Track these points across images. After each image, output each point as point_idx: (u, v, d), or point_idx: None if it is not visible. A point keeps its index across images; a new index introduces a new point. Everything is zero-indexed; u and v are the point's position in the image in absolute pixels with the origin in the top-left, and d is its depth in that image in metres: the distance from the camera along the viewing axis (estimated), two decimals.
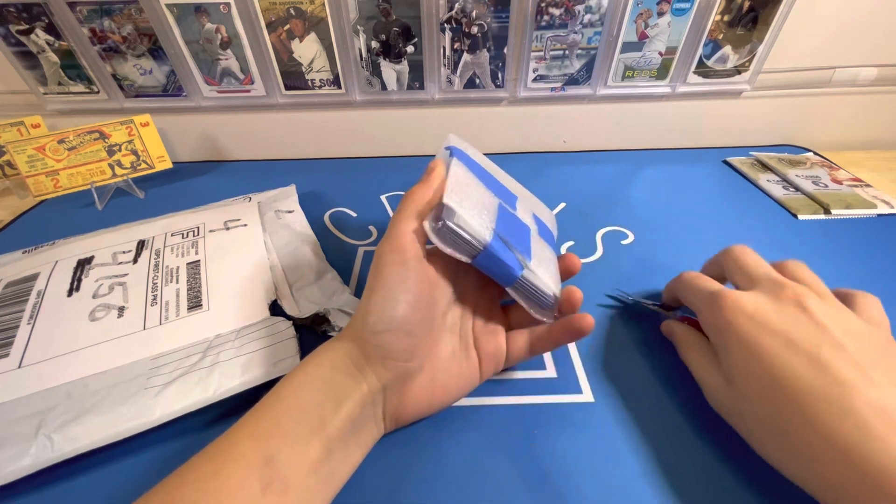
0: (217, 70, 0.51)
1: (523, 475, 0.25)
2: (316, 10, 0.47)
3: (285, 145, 0.59)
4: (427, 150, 0.59)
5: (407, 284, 0.23)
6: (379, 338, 0.23)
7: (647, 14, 0.48)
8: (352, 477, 0.23)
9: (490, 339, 0.28)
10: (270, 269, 0.36)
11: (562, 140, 0.59)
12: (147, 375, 0.27)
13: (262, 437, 0.20)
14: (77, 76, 0.51)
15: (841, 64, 0.53)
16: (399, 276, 0.23)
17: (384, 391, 0.24)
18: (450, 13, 0.47)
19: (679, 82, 0.53)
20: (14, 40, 0.48)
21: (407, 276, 0.23)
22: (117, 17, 0.47)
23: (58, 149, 0.46)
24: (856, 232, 0.42)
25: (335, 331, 0.31)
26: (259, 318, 0.32)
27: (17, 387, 0.27)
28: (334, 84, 0.52)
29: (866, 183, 0.49)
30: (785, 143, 0.60)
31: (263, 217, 0.41)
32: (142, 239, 0.37)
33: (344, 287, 0.36)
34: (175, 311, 0.32)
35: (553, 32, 0.48)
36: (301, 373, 0.23)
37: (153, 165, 0.51)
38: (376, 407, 0.24)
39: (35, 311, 0.31)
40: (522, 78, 0.52)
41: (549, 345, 0.28)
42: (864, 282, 0.36)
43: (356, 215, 0.47)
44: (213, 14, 0.47)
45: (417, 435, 0.26)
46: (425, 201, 0.24)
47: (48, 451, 0.24)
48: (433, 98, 0.53)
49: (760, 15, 0.48)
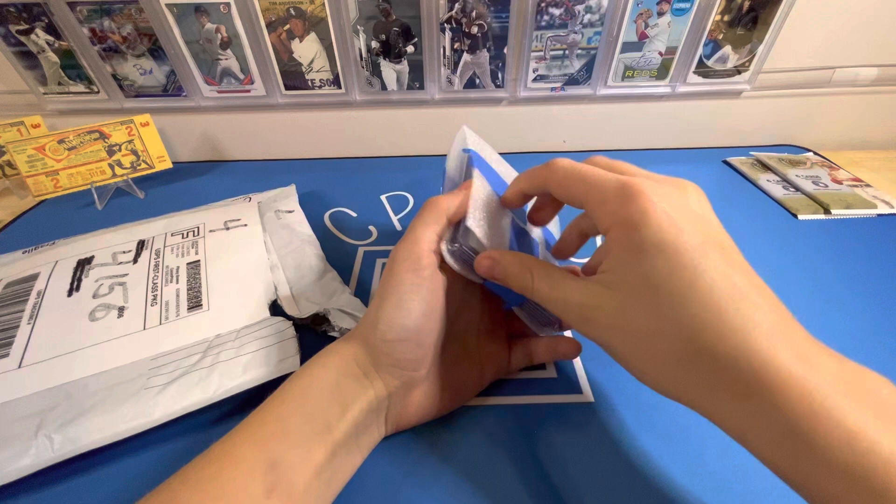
0: (217, 70, 0.51)
1: (523, 475, 0.25)
2: (316, 10, 0.47)
3: (285, 145, 0.59)
4: (427, 150, 0.59)
5: (421, 294, 0.22)
6: (390, 346, 0.23)
7: (647, 14, 0.48)
8: (352, 478, 0.23)
9: (493, 347, 0.28)
10: (270, 269, 0.36)
11: (562, 140, 0.59)
12: (147, 375, 0.27)
13: (267, 439, 0.20)
14: (77, 76, 0.51)
15: (841, 64, 0.53)
16: (413, 284, 0.22)
17: (389, 397, 0.23)
18: (450, 13, 0.47)
19: (679, 82, 0.53)
20: (14, 40, 0.48)
21: (421, 286, 0.22)
22: (117, 17, 0.47)
23: (58, 149, 0.46)
24: (856, 232, 0.42)
25: (335, 331, 0.31)
26: (259, 318, 0.32)
27: (17, 387, 0.27)
28: (334, 84, 0.52)
29: (866, 183, 0.49)
30: (785, 143, 0.60)
31: (263, 217, 0.41)
32: (142, 239, 0.37)
33: (344, 287, 0.36)
34: (175, 311, 0.32)
35: (553, 32, 0.48)
36: (307, 375, 0.23)
37: (153, 165, 0.51)
38: (380, 412, 0.24)
39: (35, 311, 0.31)
40: (522, 78, 0.52)
41: (550, 356, 0.29)
42: (864, 282, 0.36)
43: (356, 215, 0.47)
44: (213, 14, 0.47)
45: (417, 435, 0.26)
46: (448, 212, 0.24)
47: (48, 451, 0.24)
48: (433, 98, 0.53)
49: (760, 15, 0.48)
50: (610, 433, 0.27)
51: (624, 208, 0.18)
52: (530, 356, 0.29)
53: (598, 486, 0.24)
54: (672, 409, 0.28)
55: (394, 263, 0.23)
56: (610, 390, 0.29)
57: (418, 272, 0.23)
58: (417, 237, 0.23)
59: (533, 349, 0.29)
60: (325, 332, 0.32)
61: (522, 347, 0.29)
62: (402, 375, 0.23)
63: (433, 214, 0.24)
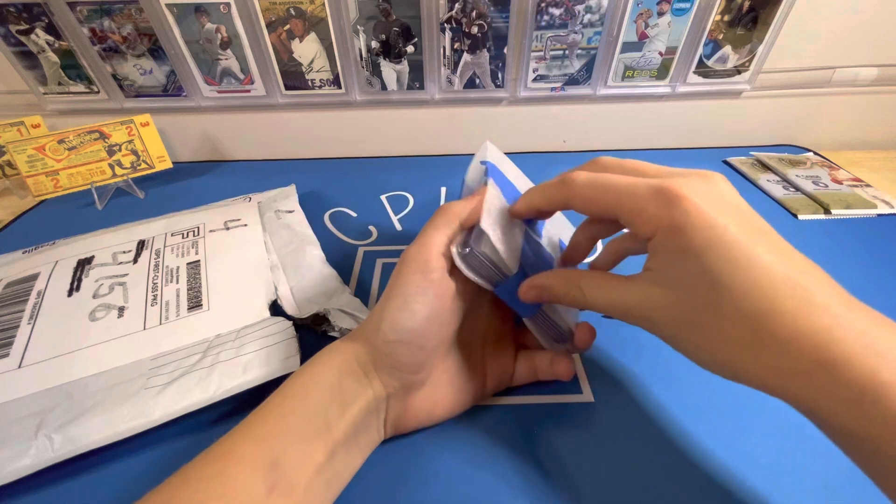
0: (217, 70, 0.51)
1: (523, 475, 0.25)
2: (316, 10, 0.47)
3: (285, 145, 0.59)
4: (427, 150, 0.59)
5: (427, 297, 0.22)
6: (391, 347, 0.22)
7: (647, 14, 0.48)
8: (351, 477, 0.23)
9: (498, 358, 0.28)
10: (270, 269, 0.36)
11: (562, 140, 0.59)
12: (147, 375, 0.27)
13: (268, 437, 0.20)
14: (77, 76, 0.51)
15: (841, 64, 0.53)
16: (420, 287, 0.22)
17: (388, 399, 0.23)
18: (450, 13, 0.47)
19: (679, 82, 0.53)
20: (14, 40, 0.48)
21: (428, 289, 0.22)
22: (117, 17, 0.47)
23: (58, 149, 0.46)
24: (856, 232, 0.42)
25: (335, 331, 0.31)
26: (259, 318, 0.32)
27: (17, 387, 0.27)
28: (334, 84, 0.52)
29: (866, 183, 0.49)
30: (785, 143, 0.60)
31: (263, 217, 0.41)
32: (142, 239, 0.37)
33: (344, 287, 0.36)
34: (175, 312, 0.32)
35: (553, 32, 0.48)
36: (308, 373, 0.23)
37: (153, 165, 0.51)
38: (379, 413, 0.24)
39: (35, 311, 0.31)
40: (522, 78, 0.52)
41: (549, 374, 0.28)
42: (864, 282, 0.37)
43: (356, 215, 0.47)
44: (213, 14, 0.47)
45: (417, 435, 0.26)
46: (460, 217, 0.24)
47: (48, 451, 0.24)
48: (433, 98, 0.53)
49: (760, 15, 0.48)
50: (610, 433, 0.27)
51: (667, 214, 0.18)
52: (534, 372, 0.28)
53: (598, 486, 0.24)
54: (672, 409, 0.28)
55: (402, 265, 0.23)
56: (610, 390, 0.29)
57: (426, 274, 0.22)
58: (428, 240, 0.23)
59: (538, 364, 0.28)
60: (325, 332, 0.32)
61: (528, 361, 0.28)
62: (402, 377, 0.23)
63: (445, 218, 0.24)
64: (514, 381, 0.29)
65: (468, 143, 0.58)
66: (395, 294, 0.23)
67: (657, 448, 0.26)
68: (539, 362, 0.28)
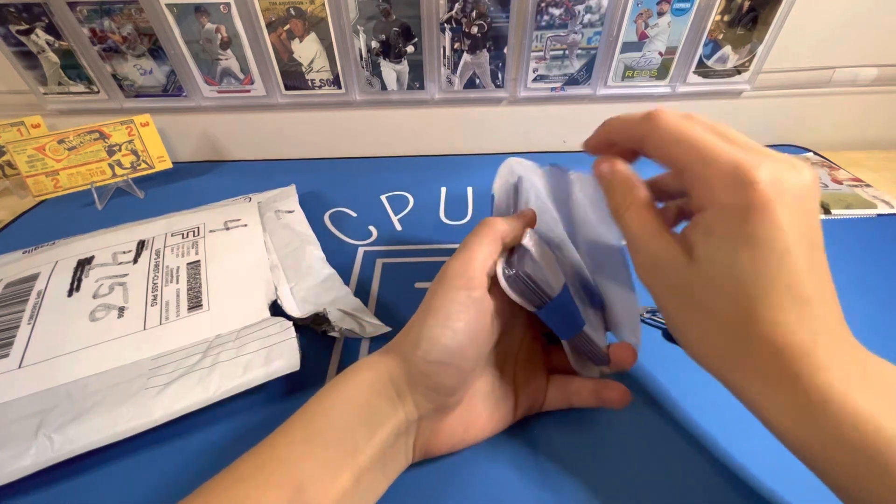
0: (217, 70, 0.51)
1: (523, 475, 0.25)
2: (316, 10, 0.47)
3: (285, 145, 0.59)
4: (427, 150, 0.59)
5: (469, 314, 0.21)
6: (430, 367, 0.21)
7: (647, 14, 0.48)
8: None
9: (529, 380, 0.27)
10: (270, 269, 0.36)
11: (562, 140, 0.59)
12: (147, 376, 0.27)
13: (293, 460, 0.19)
14: (77, 76, 0.51)
15: (841, 64, 0.53)
16: (462, 304, 0.21)
17: (419, 421, 0.22)
18: (450, 13, 0.47)
19: (679, 82, 0.53)
20: (14, 40, 0.48)
21: (470, 306, 0.21)
22: (117, 17, 0.47)
23: (58, 149, 0.46)
24: (856, 232, 0.42)
25: (335, 331, 0.31)
26: (259, 318, 0.32)
27: (17, 387, 0.27)
28: (334, 84, 0.52)
29: (866, 183, 0.49)
30: (785, 143, 0.60)
31: (263, 217, 0.41)
32: (142, 239, 0.37)
33: (344, 287, 0.36)
34: (175, 312, 0.32)
35: (553, 32, 0.48)
36: (336, 391, 0.21)
37: (153, 165, 0.51)
38: (409, 436, 0.22)
39: (35, 312, 0.31)
40: (522, 78, 0.52)
41: (595, 401, 0.26)
42: (864, 282, 0.37)
43: (356, 215, 0.47)
44: (213, 14, 0.47)
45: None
46: (504, 233, 0.23)
47: (48, 451, 0.24)
48: (433, 98, 0.53)
49: (760, 15, 0.48)
50: (610, 433, 0.27)
51: (739, 194, 0.17)
52: (569, 398, 0.27)
53: (598, 486, 0.24)
54: (672, 409, 0.28)
55: (444, 279, 0.22)
56: None
57: (470, 291, 0.21)
58: (473, 255, 0.22)
59: (575, 390, 0.26)
60: (325, 332, 0.32)
61: (561, 386, 0.27)
62: (437, 399, 0.22)
63: (490, 235, 0.23)
64: (546, 406, 0.27)
65: (468, 143, 0.58)
66: (436, 309, 0.22)
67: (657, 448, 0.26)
68: (577, 389, 0.26)
